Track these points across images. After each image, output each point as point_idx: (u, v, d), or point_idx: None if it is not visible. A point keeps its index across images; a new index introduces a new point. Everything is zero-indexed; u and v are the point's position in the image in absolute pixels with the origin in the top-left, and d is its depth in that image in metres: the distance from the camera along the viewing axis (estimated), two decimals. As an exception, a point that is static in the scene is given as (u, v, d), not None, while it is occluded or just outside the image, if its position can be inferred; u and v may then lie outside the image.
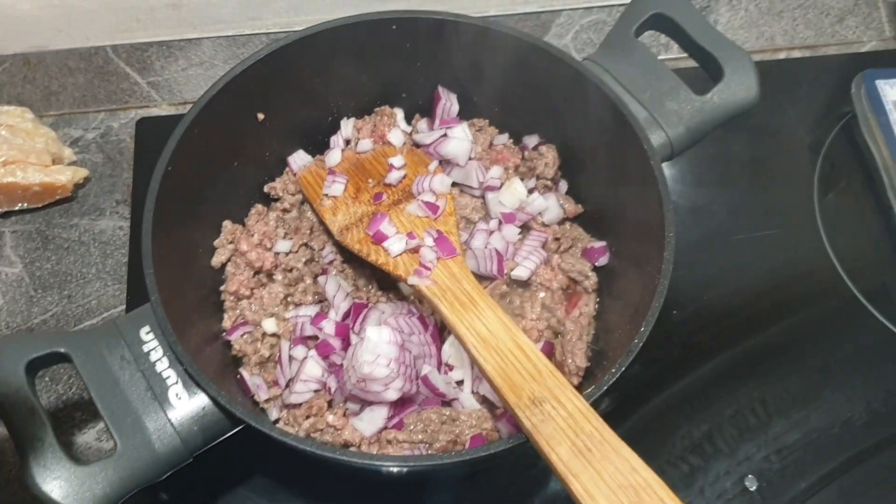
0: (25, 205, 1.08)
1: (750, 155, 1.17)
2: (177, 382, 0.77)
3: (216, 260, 0.94)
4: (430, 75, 1.01)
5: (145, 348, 0.78)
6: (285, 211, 1.00)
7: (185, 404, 0.76)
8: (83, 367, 0.76)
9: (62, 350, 0.76)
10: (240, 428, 0.78)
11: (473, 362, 0.77)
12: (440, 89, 1.02)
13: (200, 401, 0.76)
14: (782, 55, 1.25)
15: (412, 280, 0.85)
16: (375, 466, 0.75)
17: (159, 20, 1.13)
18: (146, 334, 0.79)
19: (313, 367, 0.88)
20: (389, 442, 0.83)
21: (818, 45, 1.26)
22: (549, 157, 0.99)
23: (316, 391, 0.88)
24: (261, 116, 0.96)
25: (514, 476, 0.93)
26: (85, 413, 0.95)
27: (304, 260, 0.96)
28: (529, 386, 0.71)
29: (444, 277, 0.85)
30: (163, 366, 0.77)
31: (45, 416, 0.72)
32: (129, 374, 0.76)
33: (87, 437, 0.94)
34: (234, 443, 0.79)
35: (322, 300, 0.95)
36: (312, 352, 0.89)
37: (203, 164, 0.90)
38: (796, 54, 1.26)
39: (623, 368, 0.74)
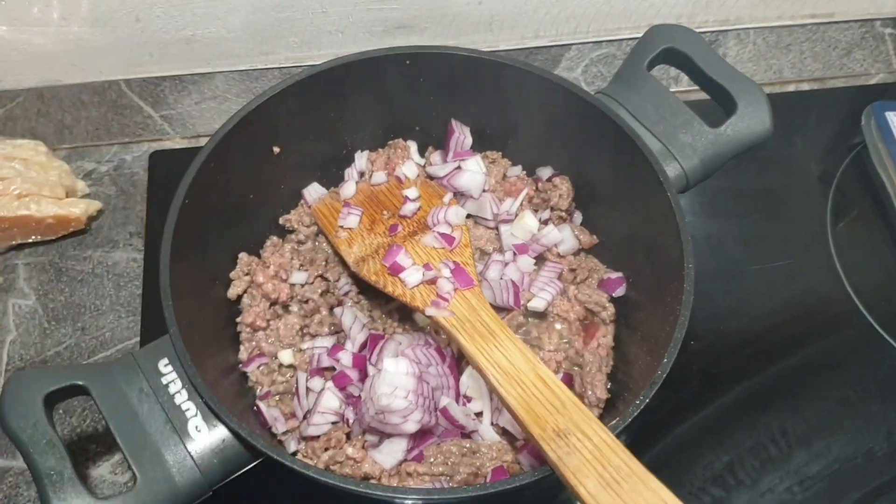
0: (38, 237, 1.08)
1: (761, 186, 1.17)
2: (196, 415, 0.76)
3: (232, 292, 0.94)
4: (442, 109, 1.02)
5: (164, 380, 0.77)
6: (300, 243, 1.01)
7: (205, 437, 0.75)
8: (101, 399, 0.75)
9: (80, 383, 0.75)
10: (259, 461, 0.78)
11: (495, 394, 0.77)
12: (454, 122, 1.02)
13: (220, 433, 0.76)
14: (791, 88, 1.27)
15: (430, 311, 0.85)
16: (398, 499, 0.74)
17: (173, 55, 1.14)
18: (164, 366, 0.78)
19: (331, 399, 0.88)
20: (409, 475, 0.82)
21: (826, 78, 1.28)
22: (563, 189, 0.99)
23: (334, 423, 0.88)
24: (276, 150, 0.96)
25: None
26: (99, 445, 0.95)
27: (319, 291, 0.96)
28: (553, 418, 0.70)
29: (463, 308, 0.84)
30: (182, 398, 0.77)
31: (64, 450, 0.71)
32: (148, 407, 0.76)
33: (102, 470, 0.93)
34: (253, 476, 0.78)
35: (338, 331, 0.95)
36: (329, 383, 0.89)
37: (219, 196, 0.90)
38: (805, 87, 1.27)
39: (647, 399, 0.74)
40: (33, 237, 1.07)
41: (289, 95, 0.92)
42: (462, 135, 1.03)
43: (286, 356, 0.92)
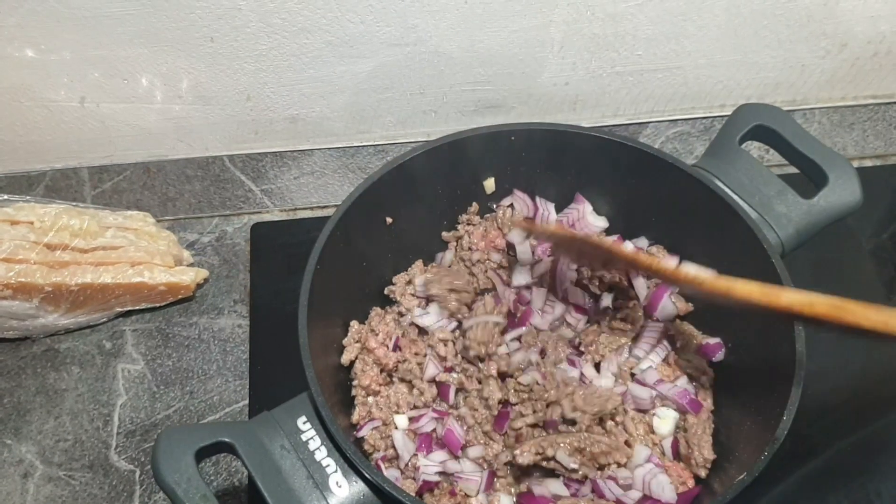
0: (147, 304, 1.12)
1: (820, 258, 1.20)
2: (336, 471, 0.79)
3: (345, 357, 0.98)
4: (539, 182, 1.07)
5: (303, 437, 0.81)
6: (401, 314, 1.04)
7: (345, 492, 0.78)
8: (247, 456, 0.78)
9: (227, 439, 0.78)
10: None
11: None
12: (538, 199, 1.08)
13: (359, 489, 0.79)
14: (854, 164, 1.31)
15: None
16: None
17: (276, 132, 1.20)
18: (303, 424, 0.81)
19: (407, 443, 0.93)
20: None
21: (888, 155, 1.34)
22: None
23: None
24: (389, 220, 1.01)
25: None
26: (233, 499, 0.98)
27: (415, 362, 0.99)
28: None
29: None
30: (321, 455, 0.80)
31: (218, 504, 0.74)
32: (290, 463, 0.79)
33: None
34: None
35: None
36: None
37: (340, 264, 0.95)
38: (867, 163, 1.33)
39: (772, 453, 0.78)
40: (143, 304, 1.12)
41: (406, 168, 0.97)
42: (546, 211, 1.08)
43: (402, 421, 0.95)
